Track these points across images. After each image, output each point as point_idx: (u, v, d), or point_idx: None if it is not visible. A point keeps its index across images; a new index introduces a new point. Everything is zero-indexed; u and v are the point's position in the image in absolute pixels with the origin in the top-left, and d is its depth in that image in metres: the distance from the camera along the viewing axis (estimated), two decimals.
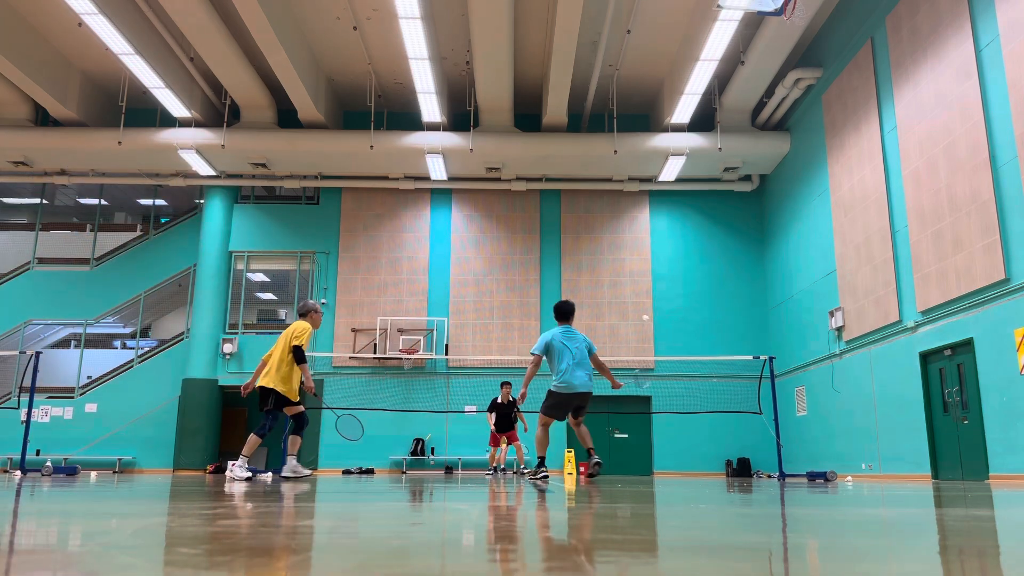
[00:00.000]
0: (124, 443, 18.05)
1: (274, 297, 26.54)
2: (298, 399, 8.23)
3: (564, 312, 8.42)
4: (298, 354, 8.02)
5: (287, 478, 8.30)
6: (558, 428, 17.60)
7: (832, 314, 14.90)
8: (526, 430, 13.72)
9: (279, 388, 8.06)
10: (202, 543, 1.71)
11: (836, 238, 14.92)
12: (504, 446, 13.59)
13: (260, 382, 8.15)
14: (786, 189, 17.63)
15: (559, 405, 8.12)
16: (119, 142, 17.16)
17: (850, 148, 14.35)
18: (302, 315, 8.54)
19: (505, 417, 13.50)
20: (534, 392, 9.16)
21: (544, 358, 8.25)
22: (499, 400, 13.59)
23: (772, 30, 14.17)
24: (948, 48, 11.22)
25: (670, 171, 17.89)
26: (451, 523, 2.39)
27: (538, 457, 8.22)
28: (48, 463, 13.50)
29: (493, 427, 13.66)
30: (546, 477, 8.22)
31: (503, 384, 13.80)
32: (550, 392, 8.13)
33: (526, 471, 13.12)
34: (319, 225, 19.30)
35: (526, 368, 11.36)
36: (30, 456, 16.02)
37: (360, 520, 2.46)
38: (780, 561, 1.49)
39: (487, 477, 11.78)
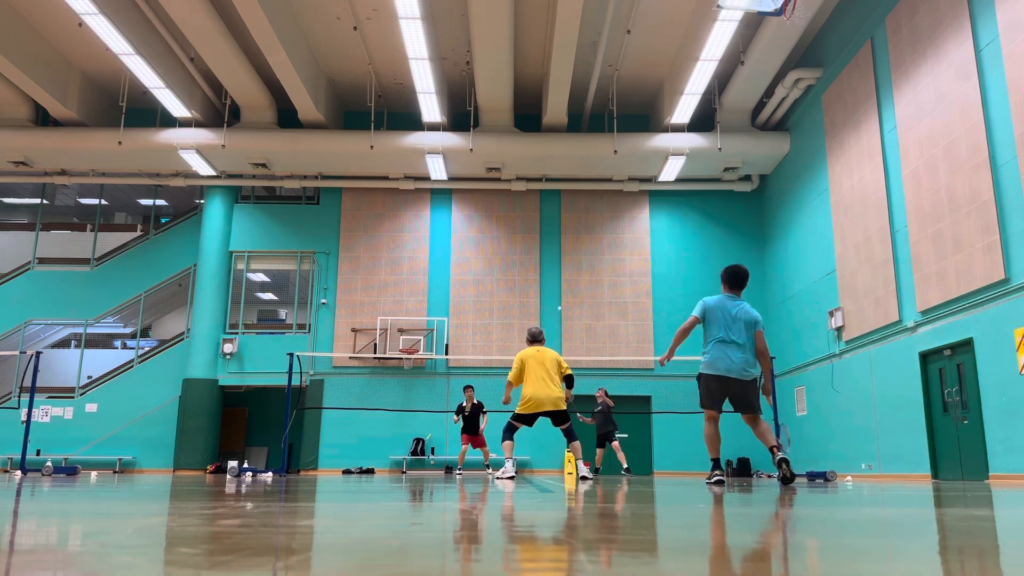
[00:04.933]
0: (124, 443, 18.06)
1: (274, 297, 26.57)
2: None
3: (738, 277, 6.61)
4: (570, 381, 9.10)
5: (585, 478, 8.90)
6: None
7: (832, 314, 14.90)
8: (484, 425, 13.98)
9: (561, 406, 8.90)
10: (202, 543, 1.71)
11: (836, 238, 14.92)
12: (464, 448, 13.77)
13: (547, 407, 8.71)
14: (786, 189, 17.63)
15: (710, 392, 6.48)
16: (119, 142, 17.16)
17: (850, 148, 14.35)
18: (543, 340, 9.31)
19: (471, 420, 13.71)
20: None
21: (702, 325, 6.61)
22: (463, 404, 13.82)
23: (772, 30, 14.17)
24: (948, 48, 11.22)
25: (670, 171, 17.90)
26: (451, 523, 2.39)
27: (711, 459, 6.60)
28: (48, 463, 13.49)
29: (460, 427, 13.86)
30: (721, 481, 6.49)
31: (466, 388, 14.03)
32: (699, 375, 6.60)
33: (491, 470, 13.32)
34: (319, 225, 19.30)
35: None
36: (30, 456, 16.03)
37: (360, 520, 2.46)
38: (780, 561, 1.49)
39: (457, 476, 11.91)
